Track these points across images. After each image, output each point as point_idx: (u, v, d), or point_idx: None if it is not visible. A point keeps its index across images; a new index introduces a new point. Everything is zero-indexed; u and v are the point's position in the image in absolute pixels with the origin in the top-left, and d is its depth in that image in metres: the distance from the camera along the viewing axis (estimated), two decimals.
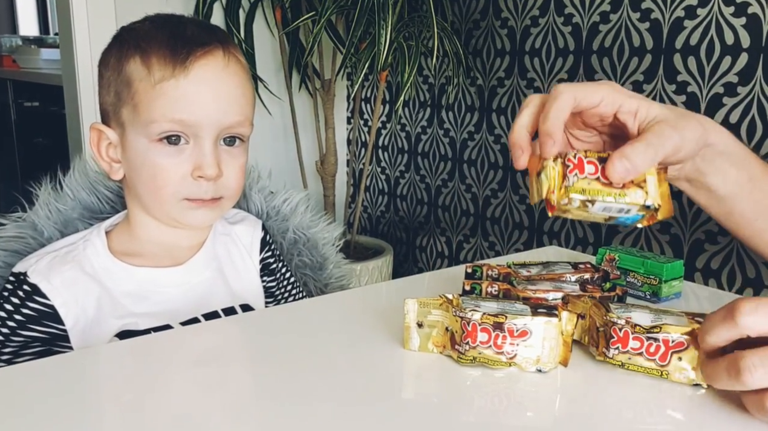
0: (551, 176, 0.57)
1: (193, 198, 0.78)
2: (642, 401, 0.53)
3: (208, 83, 0.76)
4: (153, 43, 0.75)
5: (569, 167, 0.57)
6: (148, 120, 0.75)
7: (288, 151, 2.40)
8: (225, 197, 0.80)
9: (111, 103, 0.78)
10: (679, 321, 0.56)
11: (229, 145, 0.79)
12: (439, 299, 0.58)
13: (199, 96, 0.75)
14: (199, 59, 0.75)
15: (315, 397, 0.52)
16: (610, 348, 0.56)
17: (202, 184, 0.77)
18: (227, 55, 0.77)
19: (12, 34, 4.22)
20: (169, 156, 0.76)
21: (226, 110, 0.77)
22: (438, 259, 2.42)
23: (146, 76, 0.75)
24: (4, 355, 0.75)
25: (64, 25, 2.07)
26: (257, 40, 2.22)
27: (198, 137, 0.76)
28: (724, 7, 1.57)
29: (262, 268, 0.90)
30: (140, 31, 0.78)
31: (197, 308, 0.80)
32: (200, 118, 0.75)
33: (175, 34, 0.76)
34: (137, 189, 0.79)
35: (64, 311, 0.75)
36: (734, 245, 1.62)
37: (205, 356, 0.61)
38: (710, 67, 1.61)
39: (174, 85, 0.74)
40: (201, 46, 0.75)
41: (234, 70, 0.78)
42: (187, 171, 0.76)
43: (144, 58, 0.75)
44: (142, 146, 0.76)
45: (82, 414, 0.50)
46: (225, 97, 0.77)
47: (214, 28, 0.81)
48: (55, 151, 2.76)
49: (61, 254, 0.78)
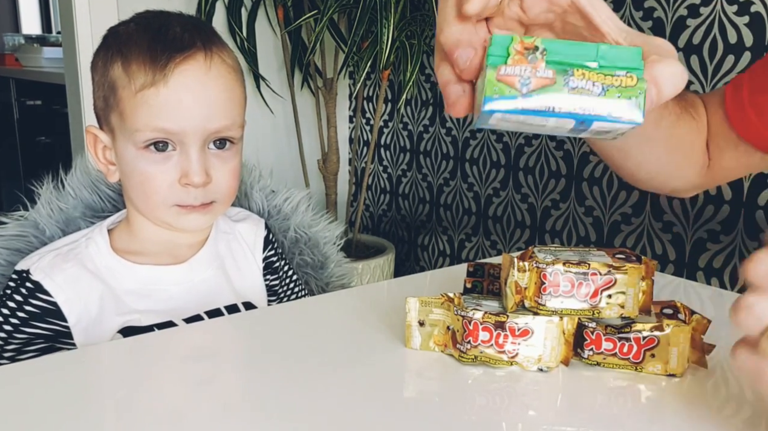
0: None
1: (183, 204, 0.77)
2: (646, 400, 0.53)
3: (190, 90, 0.74)
4: (134, 49, 0.74)
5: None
6: (133, 128, 0.74)
7: (290, 149, 2.40)
8: (217, 201, 0.79)
9: (101, 108, 0.78)
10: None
11: (219, 148, 0.78)
12: (441, 298, 0.58)
13: (181, 104, 0.74)
14: (178, 65, 0.73)
15: (316, 395, 0.52)
16: (585, 349, 0.56)
17: (191, 191, 0.76)
18: (209, 58, 0.75)
19: (15, 32, 4.22)
20: (156, 163, 0.75)
21: (211, 116, 0.75)
22: (440, 258, 2.42)
23: (128, 84, 0.74)
24: (7, 352, 0.75)
25: (66, 23, 2.07)
26: (259, 38, 2.22)
27: (184, 144, 0.75)
28: (727, 5, 1.57)
29: (265, 266, 0.90)
30: (123, 34, 0.76)
31: (200, 305, 0.80)
32: (183, 126, 0.74)
33: (156, 37, 0.74)
34: (129, 194, 0.79)
35: (67, 309, 0.75)
36: (737, 243, 1.62)
37: (206, 353, 0.61)
38: (713, 65, 1.61)
39: (154, 93, 0.73)
40: (180, 51, 0.74)
41: (218, 73, 0.76)
42: (175, 178, 0.76)
43: (125, 65, 0.74)
44: (130, 153, 0.76)
45: (82, 412, 0.50)
46: (208, 103, 0.75)
47: (199, 27, 0.78)
48: (57, 149, 2.77)
49: (63, 252, 0.78)
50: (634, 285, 0.56)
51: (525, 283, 0.56)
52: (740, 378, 0.57)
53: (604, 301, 0.56)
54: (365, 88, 2.55)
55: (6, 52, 3.63)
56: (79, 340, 0.76)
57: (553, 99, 0.41)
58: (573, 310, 0.56)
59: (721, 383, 0.56)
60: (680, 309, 0.59)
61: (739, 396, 0.54)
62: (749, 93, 0.66)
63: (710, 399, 0.54)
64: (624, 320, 0.56)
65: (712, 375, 0.56)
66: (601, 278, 0.55)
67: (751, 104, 0.65)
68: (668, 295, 0.76)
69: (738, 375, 0.56)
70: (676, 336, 0.55)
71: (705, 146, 0.70)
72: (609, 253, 0.59)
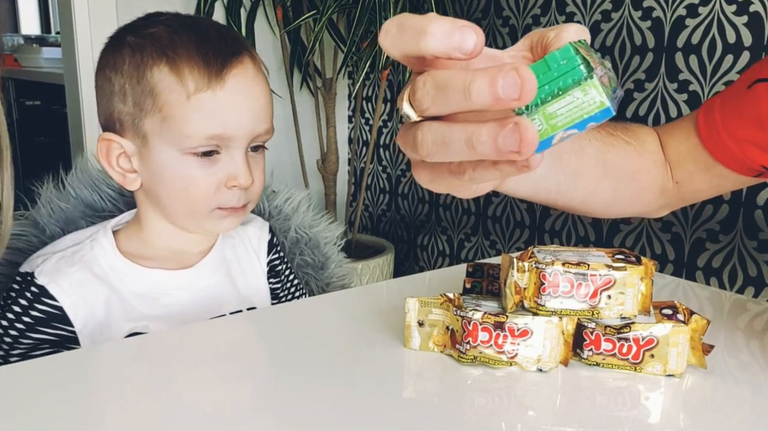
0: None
1: (225, 207, 0.77)
2: (645, 400, 0.53)
3: (243, 94, 0.75)
4: (180, 51, 0.73)
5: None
6: (183, 134, 0.73)
7: (289, 149, 2.40)
8: (251, 202, 0.81)
9: (128, 113, 0.75)
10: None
11: (254, 151, 0.79)
12: (440, 298, 0.58)
13: (236, 108, 0.74)
14: (233, 69, 0.74)
15: (315, 396, 0.52)
16: (584, 349, 0.57)
17: (236, 192, 0.77)
18: (256, 64, 0.77)
19: (14, 32, 4.22)
20: (202, 167, 0.75)
21: (258, 120, 0.77)
22: (439, 258, 2.42)
23: (178, 87, 0.72)
24: (13, 357, 0.74)
25: (65, 23, 2.07)
26: (258, 38, 2.22)
27: (230, 148, 0.76)
28: (726, 5, 1.57)
29: (269, 270, 0.90)
30: (159, 36, 0.74)
31: (206, 311, 0.80)
32: (236, 130, 0.75)
33: (203, 39, 0.74)
34: (162, 200, 0.78)
35: (73, 313, 0.75)
36: (736, 243, 1.62)
37: (204, 355, 0.61)
38: (712, 65, 1.61)
39: (211, 96, 0.73)
40: (234, 55, 0.74)
41: (261, 78, 0.78)
42: (221, 181, 0.76)
43: (173, 68, 0.72)
44: (171, 158, 0.74)
45: (83, 413, 0.50)
46: (257, 107, 0.76)
47: (232, 32, 0.79)
48: (56, 149, 2.77)
49: (68, 255, 0.78)
50: (634, 286, 0.56)
51: (524, 283, 0.56)
52: (740, 378, 0.57)
53: (604, 301, 0.56)
54: (364, 88, 2.55)
55: (5, 52, 3.63)
56: (85, 345, 0.75)
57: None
58: (572, 310, 0.56)
59: (720, 383, 0.56)
60: (679, 310, 0.59)
61: (738, 396, 0.54)
62: (722, 118, 0.67)
63: (709, 399, 0.54)
64: (623, 321, 0.56)
65: (712, 375, 0.56)
66: (600, 279, 0.55)
67: (725, 129, 0.67)
68: (667, 295, 0.76)
69: (737, 376, 0.56)
70: (676, 336, 0.55)
71: (657, 168, 0.71)
72: (608, 253, 0.59)
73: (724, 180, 0.70)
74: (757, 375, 0.57)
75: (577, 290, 0.56)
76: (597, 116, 0.36)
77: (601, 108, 0.35)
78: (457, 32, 0.35)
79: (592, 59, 0.36)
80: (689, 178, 0.71)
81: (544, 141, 0.36)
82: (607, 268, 0.56)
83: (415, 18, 0.36)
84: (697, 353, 0.56)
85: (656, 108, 1.74)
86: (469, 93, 0.34)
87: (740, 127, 0.66)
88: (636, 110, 1.78)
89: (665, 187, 0.72)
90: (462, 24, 0.35)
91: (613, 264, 0.56)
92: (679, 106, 1.70)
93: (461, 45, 0.35)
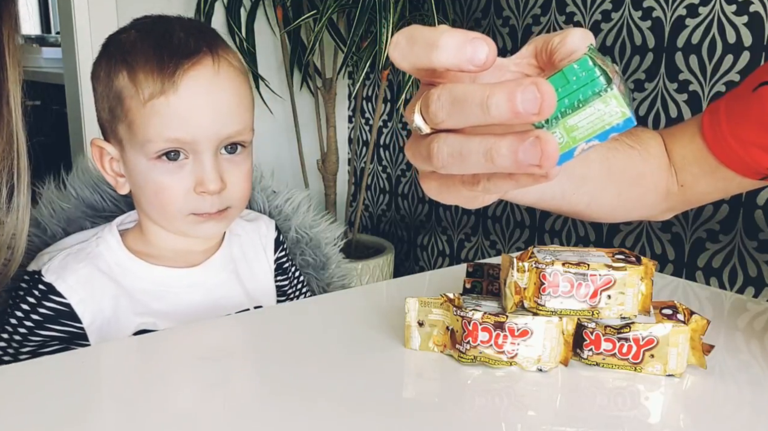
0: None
1: (199, 212, 0.76)
2: (645, 400, 0.53)
3: (200, 97, 0.73)
4: (139, 57, 0.72)
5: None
6: (144, 140, 0.73)
7: (289, 150, 2.40)
8: (232, 207, 0.78)
9: (107, 120, 0.76)
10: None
11: (230, 153, 0.77)
12: (440, 299, 0.58)
13: (193, 112, 0.72)
14: (187, 72, 0.71)
15: (316, 396, 0.52)
16: (584, 349, 0.57)
17: (207, 198, 0.75)
18: (217, 62, 0.74)
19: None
20: (169, 173, 0.74)
21: (223, 122, 0.74)
22: (439, 258, 2.42)
23: (135, 94, 0.72)
24: (22, 355, 0.74)
25: (65, 23, 2.07)
26: (258, 38, 2.22)
27: (197, 152, 0.74)
28: (726, 5, 1.57)
29: (276, 268, 0.90)
30: (125, 42, 0.74)
31: (213, 310, 0.80)
32: (196, 134, 0.73)
33: (161, 44, 0.73)
34: (142, 204, 0.78)
35: (81, 310, 0.75)
36: (736, 244, 1.62)
37: (206, 353, 0.61)
38: (712, 65, 1.61)
39: (164, 102, 0.71)
40: (188, 56, 0.72)
41: (226, 76, 0.75)
42: (190, 187, 0.75)
43: (131, 74, 0.72)
44: (142, 164, 0.74)
45: (87, 412, 0.50)
46: (220, 109, 0.74)
47: (204, 30, 0.77)
48: (56, 150, 2.76)
49: (74, 252, 0.78)
50: (634, 286, 0.56)
51: (524, 283, 0.56)
52: (740, 378, 0.57)
53: (604, 301, 0.56)
54: (364, 88, 2.55)
55: None
56: (94, 341, 0.75)
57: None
58: (572, 310, 0.56)
59: (720, 383, 0.56)
60: (679, 310, 0.59)
61: (738, 397, 0.55)
62: (727, 121, 0.67)
63: (709, 399, 0.54)
64: (623, 321, 0.56)
65: (711, 375, 0.56)
66: (600, 279, 0.55)
67: (731, 132, 0.67)
68: (667, 295, 0.76)
69: (736, 376, 0.56)
70: (676, 336, 0.55)
71: (662, 172, 0.71)
72: (608, 253, 0.59)
73: (729, 183, 0.70)
74: (757, 375, 0.57)
75: (577, 290, 0.56)
76: (619, 126, 0.36)
77: (623, 118, 0.36)
78: (469, 45, 0.34)
79: (608, 68, 0.36)
80: (694, 181, 0.71)
81: (565, 153, 0.36)
82: (607, 268, 0.56)
83: (426, 30, 0.36)
84: (697, 353, 0.56)
85: (656, 108, 1.74)
86: (487, 108, 0.34)
87: (745, 130, 0.66)
88: (636, 110, 1.78)
89: (670, 190, 0.72)
90: (473, 36, 0.35)
91: (613, 264, 0.56)
92: (679, 107, 1.70)
93: (473, 58, 0.34)
